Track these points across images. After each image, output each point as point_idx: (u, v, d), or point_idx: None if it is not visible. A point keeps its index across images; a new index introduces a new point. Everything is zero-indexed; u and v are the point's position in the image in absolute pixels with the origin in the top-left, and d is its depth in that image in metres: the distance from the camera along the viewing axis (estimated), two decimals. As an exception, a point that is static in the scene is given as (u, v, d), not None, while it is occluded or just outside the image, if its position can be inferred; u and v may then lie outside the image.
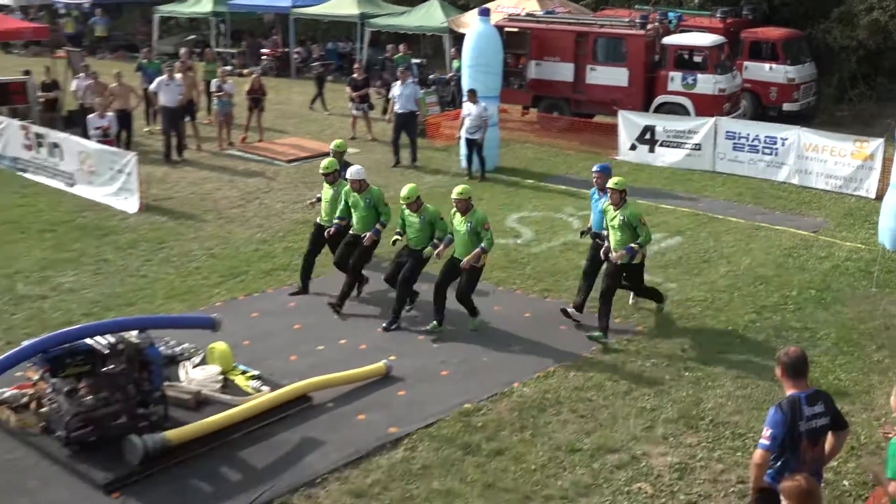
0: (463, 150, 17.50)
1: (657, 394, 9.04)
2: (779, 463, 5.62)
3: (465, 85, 17.70)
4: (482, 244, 10.04)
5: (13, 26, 24.89)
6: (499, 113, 18.85)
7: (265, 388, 8.81)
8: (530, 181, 17.36)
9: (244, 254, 12.89)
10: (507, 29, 21.37)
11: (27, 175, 17.13)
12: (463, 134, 17.31)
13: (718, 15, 22.64)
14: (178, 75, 19.17)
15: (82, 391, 7.85)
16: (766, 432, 5.55)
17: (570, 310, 10.62)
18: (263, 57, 30.63)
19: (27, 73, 21.73)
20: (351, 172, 11.03)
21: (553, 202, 15.92)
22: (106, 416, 7.84)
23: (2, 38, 28.22)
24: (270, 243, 13.56)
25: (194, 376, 8.87)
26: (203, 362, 9.27)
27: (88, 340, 8.05)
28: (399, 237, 10.82)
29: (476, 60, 17.68)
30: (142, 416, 8.02)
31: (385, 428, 8.34)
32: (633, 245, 9.94)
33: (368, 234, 10.82)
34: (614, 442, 8.17)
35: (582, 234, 11.77)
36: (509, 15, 23.03)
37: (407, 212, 10.53)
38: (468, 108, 17.13)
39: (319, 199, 11.87)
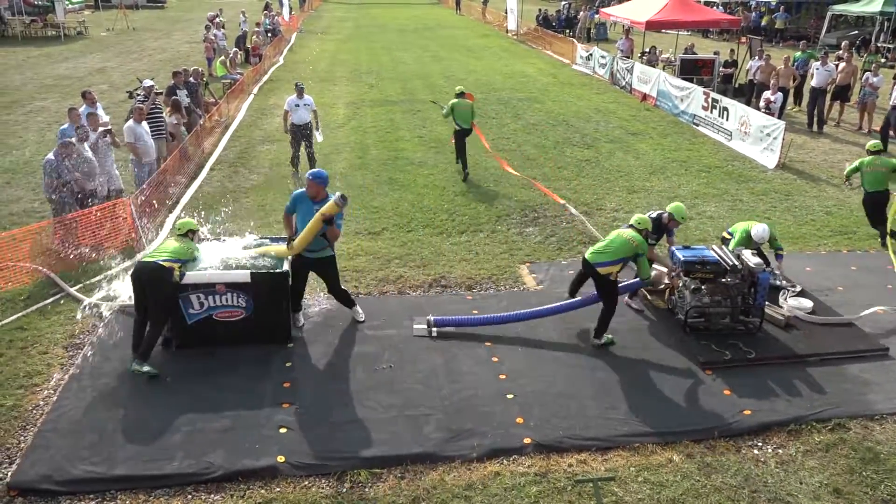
0: None
1: None
2: None
3: None
4: None
5: (713, 17, 24.98)
6: None
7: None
8: None
9: (855, 216, 11.43)
10: None
11: (699, 128, 17.33)
12: None
13: None
14: (834, 64, 17.36)
15: (704, 291, 7.88)
16: None
17: None
18: (919, 52, 26.21)
19: (716, 53, 21.75)
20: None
21: None
22: (716, 314, 7.79)
23: (703, 26, 28.56)
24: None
25: (789, 304, 8.34)
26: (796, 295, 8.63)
27: (715, 255, 8.05)
28: None
29: None
30: (741, 322, 7.85)
31: (957, 396, 6.86)
32: None
33: None
34: None
35: None
36: None
37: None
38: None
39: None
